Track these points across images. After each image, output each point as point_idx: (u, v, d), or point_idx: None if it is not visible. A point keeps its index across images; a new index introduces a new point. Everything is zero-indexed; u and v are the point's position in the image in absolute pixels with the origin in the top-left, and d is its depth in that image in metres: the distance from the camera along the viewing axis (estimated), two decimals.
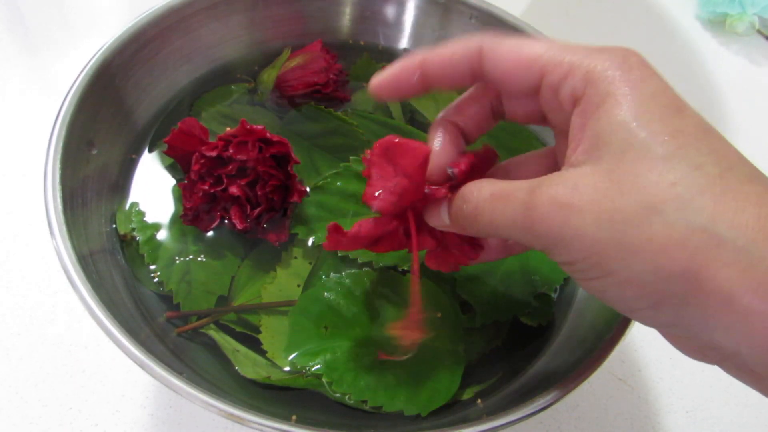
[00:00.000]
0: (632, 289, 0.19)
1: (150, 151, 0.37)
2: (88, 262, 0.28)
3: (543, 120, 0.24)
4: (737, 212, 0.17)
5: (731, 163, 0.18)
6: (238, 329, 0.31)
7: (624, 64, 0.20)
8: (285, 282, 0.33)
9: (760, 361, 0.18)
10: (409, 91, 0.25)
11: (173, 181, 0.36)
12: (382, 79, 0.25)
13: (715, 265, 0.17)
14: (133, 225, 0.33)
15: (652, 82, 0.20)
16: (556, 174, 0.20)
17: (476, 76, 0.23)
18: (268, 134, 0.32)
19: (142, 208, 0.34)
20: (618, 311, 0.21)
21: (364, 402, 0.29)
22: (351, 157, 0.35)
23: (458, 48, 0.23)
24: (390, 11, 0.44)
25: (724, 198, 0.17)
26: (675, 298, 0.18)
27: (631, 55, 0.20)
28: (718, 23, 0.65)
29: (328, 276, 0.32)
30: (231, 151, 0.31)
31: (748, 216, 0.17)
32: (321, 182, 0.35)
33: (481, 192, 0.22)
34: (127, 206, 0.34)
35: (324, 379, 0.29)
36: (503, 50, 0.22)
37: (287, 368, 0.30)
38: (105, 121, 0.34)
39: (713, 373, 0.40)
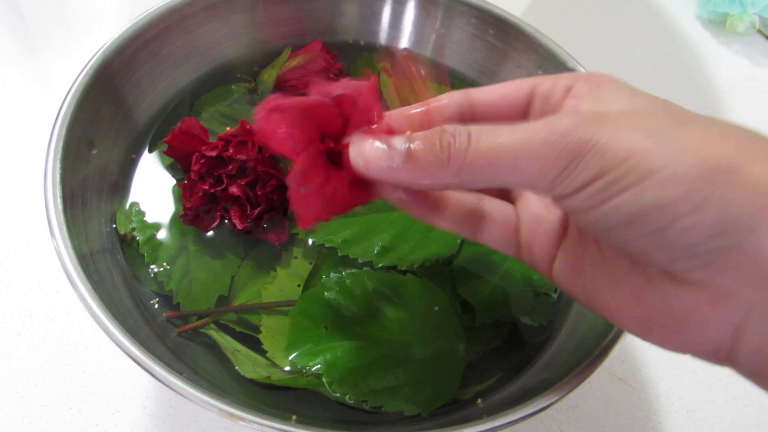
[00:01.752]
0: (677, 187, 0.17)
1: (150, 151, 0.37)
2: (88, 262, 0.28)
3: None
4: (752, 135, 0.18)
5: (691, 115, 0.20)
6: (238, 329, 0.31)
7: (596, 73, 0.23)
8: (285, 282, 0.33)
9: None
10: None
11: (173, 181, 0.36)
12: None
13: (757, 157, 0.17)
14: (133, 225, 0.33)
15: (619, 80, 0.22)
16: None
17: (465, 118, 0.24)
18: None
19: (142, 207, 0.34)
20: (648, 236, 0.18)
21: (364, 402, 0.29)
22: None
23: (445, 97, 0.24)
24: (390, 11, 0.44)
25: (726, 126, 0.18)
26: (720, 193, 0.17)
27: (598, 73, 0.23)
28: (718, 23, 0.65)
29: (328, 276, 0.32)
30: (231, 150, 0.31)
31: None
32: None
33: (495, 130, 0.20)
34: (127, 206, 0.34)
35: (324, 379, 0.29)
36: (489, 88, 0.24)
37: (287, 368, 0.30)
38: (105, 121, 0.34)
39: (714, 372, 0.40)
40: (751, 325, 0.18)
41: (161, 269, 0.32)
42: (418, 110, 0.24)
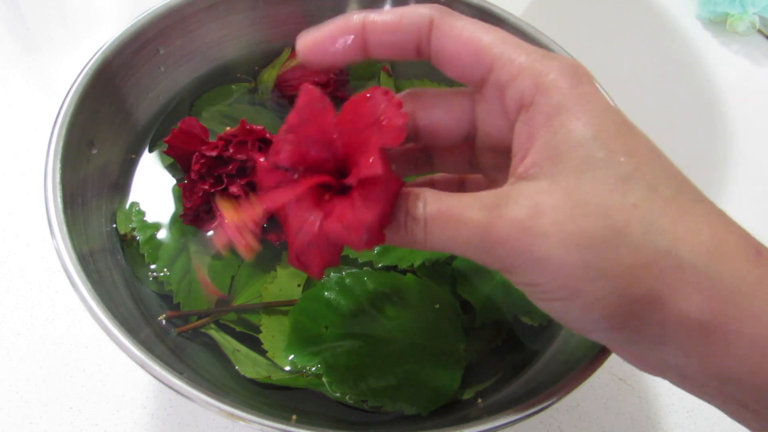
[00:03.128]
0: (598, 310, 0.18)
1: (150, 150, 0.37)
2: (88, 262, 0.28)
3: (472, 128, 0.23)
4: (695, 234, 0.18)
5: (680, 183, 0.19)
6: (238, 329, 0.31)
7: (574, 76, 0.20)
8: (285, 282, 0.33)
9: (710, 373, 0.19)
10: (342, 56, 0.22)
11: (173, 181, 0.36)
12: (311, 38, 0.22)
13: (678, 287, 0.18)
14: (134, 224, 0.33)
15: (600, 97, 0.20)
16: (510, 190, 0.19)
17: (421, 51, 0.22)
18: (267, 134, 0.32)
19: (142, 207, 0.34)
20: (572, 330, 0.21)
21: (364, 402, 0.29)
22: None
23: (407, 15, 0.21)
24: None
25: (682, 219, 0.18)
26: (637, 319, 0.18)
27: (579, 68, 0.20)
28: (718, 23, 0.65)
29: (328, 276, 0.32)
30: (231, 150, 0.31)
31: (704, 237, 0.18)
32: None
33: (427, 208, 0.20)
34: (128, 206, 0.34)
35: (324, 379, 0.29)
36: (456, 30, 0.21)
37: (287, 368, 0.30)
38: (105, 121, 0.34)
39: None
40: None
41: (161, 269, 0.32)
42: None
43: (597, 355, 0.27)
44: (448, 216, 0.20)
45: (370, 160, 0.19)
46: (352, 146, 0.20)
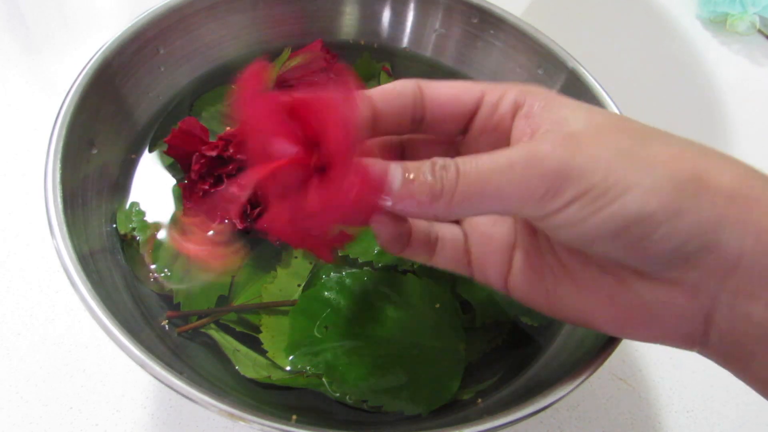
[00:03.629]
0: (655, 199, 0.19)
1: (150, 150, 0.37)
2: (88, 262, 0.28)
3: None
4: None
5: (647, 131, 0.22)
6: (238, 329, 0.31)
7: (537, 88, 0.23)
8: (285, 281, 0.33)
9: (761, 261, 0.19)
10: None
11: (173, 181, 0.36)
12: None
13: (711, 167, 0.20)
14: (134, 224, 0.33)
15: (564, 97, 0.23)
16: (536, 137, 0.21)
17: (417, 109, 0.24)
18: None
19: (142, 207, 0.34)
20: (631, 245, 0.20)
21: (364, 402, 0.29)
22: None
23: (398, 84, 0.24)
24: (390, 11, 0.44)
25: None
26: (691, 202, 0.19)
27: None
28: (718, 23, 0.65)
29: (328, 276, 0.32)
30: (231, 150, 0.31)
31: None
32: None
33: (457, 158, 0.20)
34: (128, 206, 0.34)
35: (324, 379, 0.29)
36: (442, 84, 0.24)
37: (288, 368, 0.30)
38: (105, 121, 0.34)
39: (714, 372, 0.40)
40: (718, 312, 0.20)
41: (161, 269, 0.32)
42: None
43: (597, 354, 0.27)
44: (480, 157, 0.20)
45: (331, 145, 0.19)
46: (312, 128, 0.20)
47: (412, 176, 0.20)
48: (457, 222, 0.27)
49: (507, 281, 0.25)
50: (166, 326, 0.31)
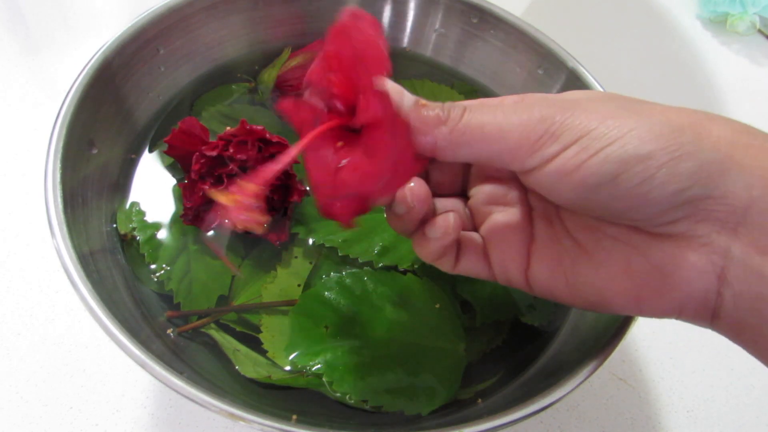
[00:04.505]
0: (653, 140, 0.19)
1: (150, 150, 0.37)
2: (88, 262, 0.28)
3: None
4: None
5: (643, 100, 0.23)
6: (238, 329, 0.31)
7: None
8: (285, 281, 0.33)
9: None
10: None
11: (173, 181, 0.36)
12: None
13: (711, 120, 0.20)
14: (134, 224, 0.33)
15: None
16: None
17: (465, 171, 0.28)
18: (267, 134, 0.32)
19: (142, 207, 0.34)
20: (632, 191, 0.20)
21: (365, 402, 0.29)
22: None
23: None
24: (390, 11, 0.44)
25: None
26: (691, 145, 0.19)
27: None
28: (718, 23, 0.65)
29: (328, 275, 0.32)
30: (231, 150, 0.31)
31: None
32: None
33: (484, 101, 0.23)
34: (128, 206, 0.34)
35: (324, 379, 0.29)
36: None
37: (288, 368, 0.30)
38: (105, 121, 0.34)
39: (714, 372, 0.40)
40: (732, 269, 0.20)
41: (161, 269, 0.32)
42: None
43: (597, 355, 0.27)
44: (488, 99, 0.23)
45: (366, 102, 0.19)
46: (349, 86, 0.21)
47: (423, 102, 0.22)
48: (476, 230, 0.28)
49: (527, 276, 0.26)
50: (164, 323, 0.31)
